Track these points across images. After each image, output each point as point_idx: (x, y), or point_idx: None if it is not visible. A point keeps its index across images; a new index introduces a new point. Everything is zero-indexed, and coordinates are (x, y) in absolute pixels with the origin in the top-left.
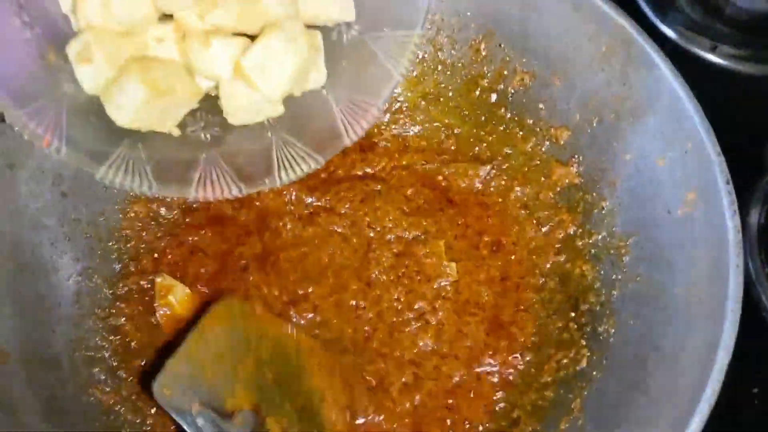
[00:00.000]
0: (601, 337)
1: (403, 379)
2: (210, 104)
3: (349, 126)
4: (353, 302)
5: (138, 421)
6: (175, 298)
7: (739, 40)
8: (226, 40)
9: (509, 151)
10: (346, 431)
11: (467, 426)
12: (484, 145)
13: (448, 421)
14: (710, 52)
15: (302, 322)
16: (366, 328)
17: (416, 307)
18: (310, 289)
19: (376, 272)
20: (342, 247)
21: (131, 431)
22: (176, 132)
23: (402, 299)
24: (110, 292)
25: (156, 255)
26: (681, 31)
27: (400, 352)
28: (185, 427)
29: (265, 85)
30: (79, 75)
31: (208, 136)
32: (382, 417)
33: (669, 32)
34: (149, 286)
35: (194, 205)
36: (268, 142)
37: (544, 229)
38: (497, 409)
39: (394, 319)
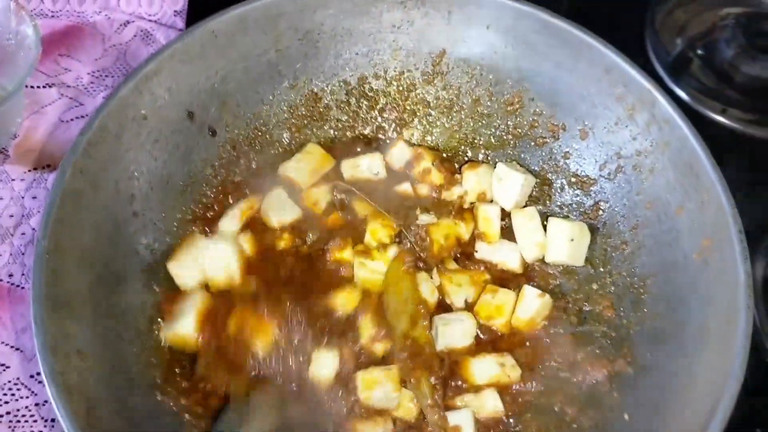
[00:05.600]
0: (621, 369)
1: None
2: None
3: None
4: None
5: (194, 422)
6: None
7: (747, 105)
8: None
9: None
10: None
11: None
12: None
13: None
14: (720, 114)
15: None
16: None
17: None
18: None
19: None
20: None
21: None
22: None
23: None
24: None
25: None
26: (693, 94)
27: None
28: None
29: None
30: None
31: None
32: None
33: (682, 94)
34: None
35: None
36: None
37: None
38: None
39: None
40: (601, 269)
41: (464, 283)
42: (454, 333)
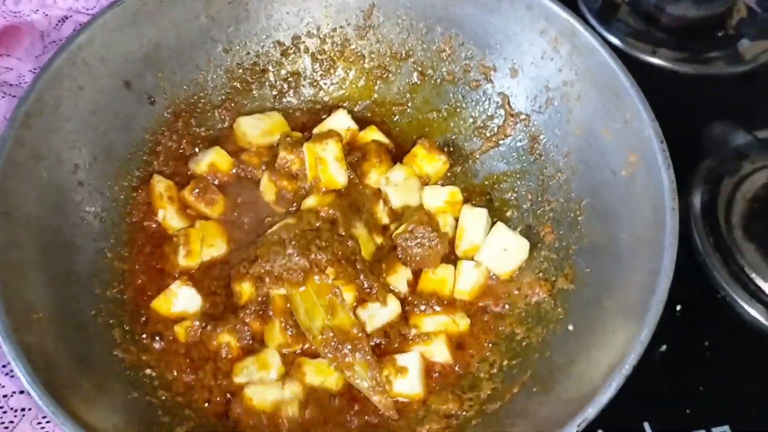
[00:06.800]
0: (562, 285)
1: None
2: None
3: None
4: None
5: (155, 375)
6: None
7: (675, 44)
8: None
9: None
10: None
11: None
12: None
13: None
14: (651, 55)
15: None
16: None
17: None
18: None
19: None
20: None
21: (151, 384)
22: None
23: None
24: (122, 268)
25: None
26: (624, 38)
27: None
28: None
29: None
30: None
31: None
32: None
33: (614, 40)
34: (153, 264)
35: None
36: None
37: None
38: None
39: None
40: (539, 198)
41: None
42: (382, 318)
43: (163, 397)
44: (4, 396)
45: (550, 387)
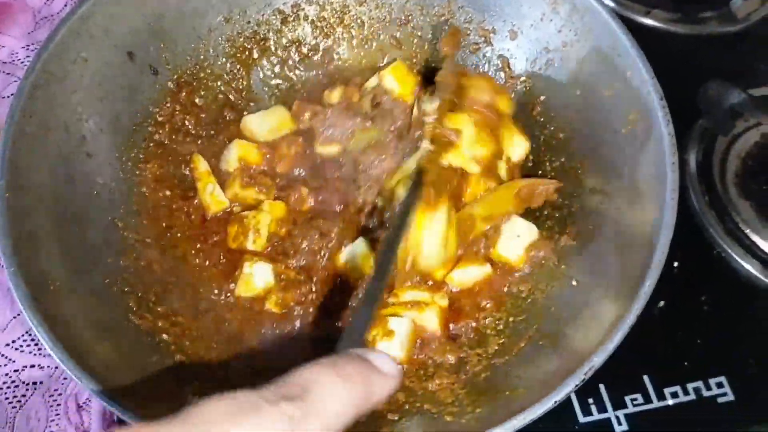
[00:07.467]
0: (565, 243)
1: None
2: None
3: None
4: None
5: (170, 341)
6: None
7: (668, 5)
8: None
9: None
10: None
11: None
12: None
13: None
14: (645, 16)
15: None
16: None
17: None
18: None
19: None
20: None
21: (168, 349)
22: None
23: None
24: (133, 238)
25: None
26: (618, 0)
27: None
28: None
29: None
30: None
31: None
32: None
33: (607, 1)
34: (164, 233)
35: None
36: None
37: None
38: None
39: None
40: (540, 159)
41: None
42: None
43: (181, 361)
44: (15, 371)
45: (556, 340)
